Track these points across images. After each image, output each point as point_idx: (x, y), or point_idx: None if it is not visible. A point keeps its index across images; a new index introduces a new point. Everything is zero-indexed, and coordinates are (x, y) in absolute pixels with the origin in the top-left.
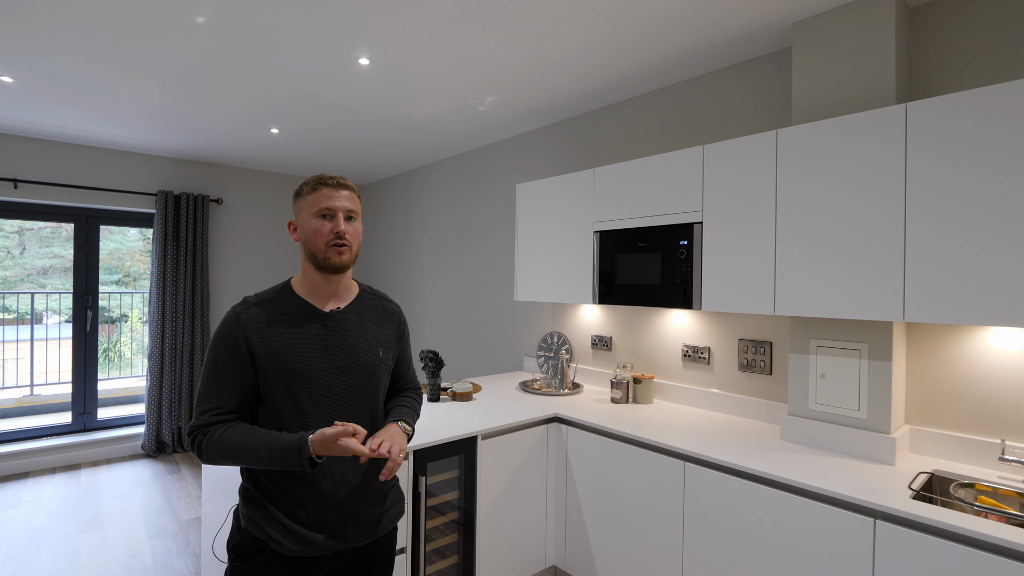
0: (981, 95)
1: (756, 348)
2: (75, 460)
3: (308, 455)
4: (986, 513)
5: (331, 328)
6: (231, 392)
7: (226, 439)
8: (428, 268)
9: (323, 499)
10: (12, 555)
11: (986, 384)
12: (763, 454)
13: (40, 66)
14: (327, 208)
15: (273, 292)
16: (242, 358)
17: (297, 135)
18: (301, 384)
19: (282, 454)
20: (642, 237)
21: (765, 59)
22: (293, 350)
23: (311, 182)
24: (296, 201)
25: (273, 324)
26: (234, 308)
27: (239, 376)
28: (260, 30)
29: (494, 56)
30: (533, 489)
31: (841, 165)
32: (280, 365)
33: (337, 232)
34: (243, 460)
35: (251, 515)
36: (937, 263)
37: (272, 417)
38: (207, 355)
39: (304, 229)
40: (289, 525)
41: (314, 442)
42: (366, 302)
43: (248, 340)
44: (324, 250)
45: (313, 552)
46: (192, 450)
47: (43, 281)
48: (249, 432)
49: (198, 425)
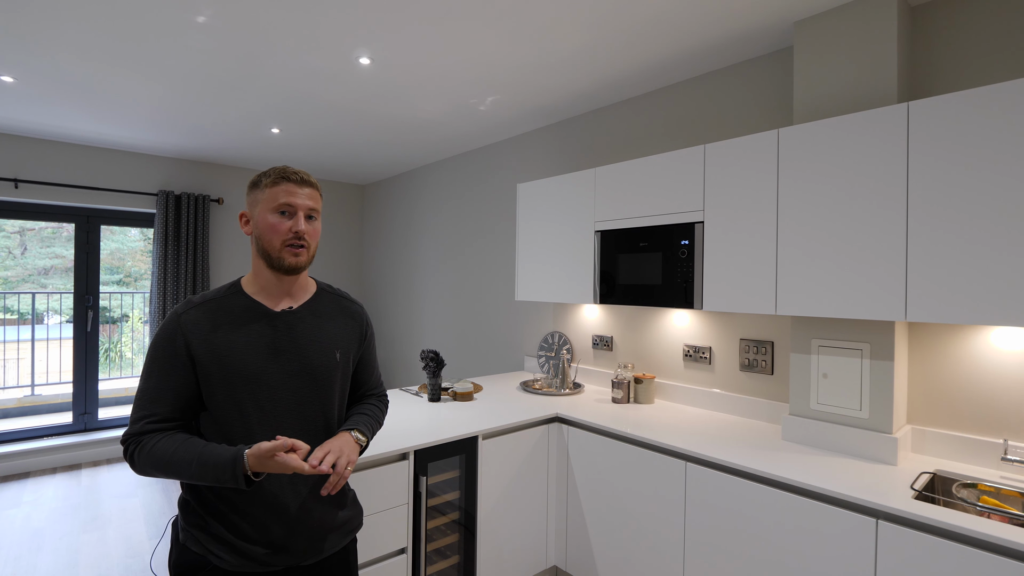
0: (984, 94)
1: (757, 348)
2: (76, 460)
3: (244, 471)
4: (989, 513)
5: (281, 329)
6: (167, 399)
7: (158, 450)
8: (429, 268)
9: (268, 511)
10: (12, 555)
11: (988, 384)
12: (764, 454)
13: (41, 66)
14: (287, 204)
15: (220, 291)
16: (181, 362)
17: (298, 135)
18: (246, 389)
19: (215, 469)
20: (643, 237)
21: (766, 58)
22: (238, 353)
23: (271, 174)
24: (252, 192)
25: (217, 326)
26: (176, 309)
27: (177, 381)
28: (260, 30)
29: (495, 56)
30: (534, 489)
31: (843, 164)
32: (223, 369)
33: (296, 231)
34: (176, 474)
35: (190, 528)
36: (939, 262)
37: (215, 426)
38: (146, 359)
39: (260, 224)
40: (230, 539)
41: (250, 457)
42: (323, 301)
43: (188, 343)
44: (279, 249)
45: (258, 568)
46: (126, 459)
47: (44, 281)
48: (184, 444)
49: (131, 433)
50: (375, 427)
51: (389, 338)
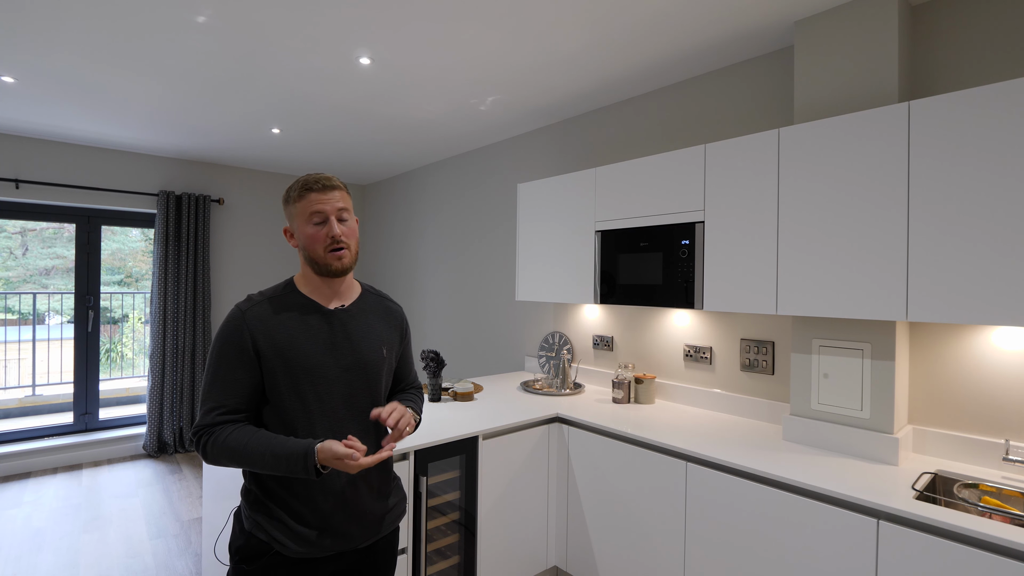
0: (985, 93)
1: (758, 348)
2: (77, 460)
3: (314, 463)
4: (990, 514)
5: (336, 326)
6: (237, 390)
7: (232, 441)
8: (429, 268)
9: (328, 500)
10: (13, 555)
11: (990, 384)
12: (765, 454)
13: (41, 66)
14: (318, 212)
15: (277, 290)
16: (248, 355)
17: (298, 135)
18: (307, 381)
19: (288, 460)
20: (644, 237)
21: (767, 58)
22: (299, 347)
23: (297, 188)
24: (286, 208)
25: (279, 321)
26: (239, 305)
27: (245, 374)
28: (261, 30)
29: (495, 55)
30: (534, 489)
31: (843, 164)
32: (286, 362)
33: (332, 236)
34: (248, 463)
35: (255, 517)
36: (940, 262)
37: (277, 416)
38: (212, 353)
39: (300, 236)
40: (293, 527)
41: (320, 452)
42: (368, 301)
43: (254, 337)
44: (324, 256)
45: (318, 553)
46: (196, 450)
47: (45, 282)
48: (255, 435)
49: (204, 425)
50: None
51: None
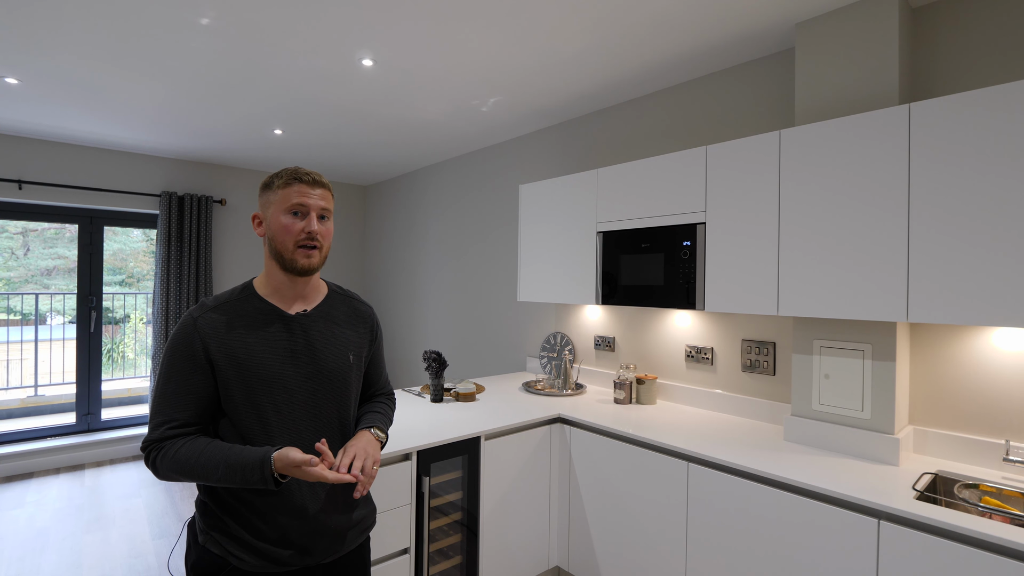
0: (985, 95)
1: (759, 349)
2: (79, 461)
3: (271, 472)
4: (990, 514)
5: (296, 332)
6: (187, 403)
7: (182, 455)
8: (431, 269)
9: (289, 513)
10: (16, 555)
11: (990, 385)
12: (766, 455)
13: (44, 67)
14: (300, 204)
15: (233, 294)
16: (200, 366)
17: (300, 136)
18: (265, 392)
19: (243, 471)
20: (645, 238)
21: (768, 60)
22: (255, 356)
23: (284, 175)
24: (264, 193)
25: (234, 329)
26: (190, 313)
27: (196, 386)
28: (263, 31)
29: (497, 57)
30: (536, 490)
31: (844, 165)
32: (241, 372)
33: (308, 232)
34: (201, 477)
35: (209, 530)
36: (941, 263)
37: (233, 429)
38: (162, 364)
39: (272, 225)
40: (251, 541)
41: (277, 460)
42: (335, 303)
43: (207, 347)
44: (292, 250)
45: (277, 569)
46: (147, 466)
47: (47, 282)
48: (208, 447)
49: (152, 440)
50: (388, 424)
51: (392, 339)
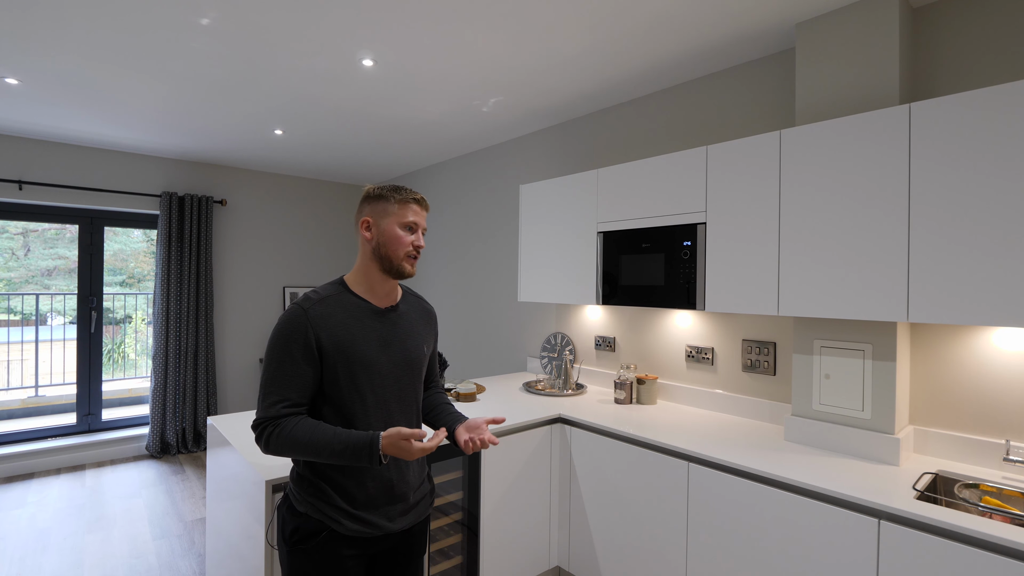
0: (985, 95)
1: (760, 349)
2: (80, 461)
3: (379, 452)
4: (991, 514)
5: (387, 325)
6: (299, 385)
7: (297, 433)
8: (432, 269)
9: (379, 484)
10: (18, 555)
11: (990, 385)
12: (767, 455)
13: (45, 68)
14: (414, 223)
15: (333, 289)
16: (311, 352)
17: (301, 136)
18: (364, 375)
19: (354, 450)
20: (646, 238)
21: (768, 60)
22: (358, 344)
23: (401, 193)
24: (376, 203)
25: (338, 320)
26: (299, 304)
27: (307, 369)
28: (264, 31)
29: (498, 57)
30: (537, 490)
31: (845, 165)
32: (346, 357)
33: (417, 246)
34: (312, 454)
35: (309, 499)
36: (941, 263)
37: (335, 409)
38: (273, 348)
39: (385, 234)
40: (346, 507)
41: (385, 438)
42: (410, 302)
43: (317, 335)
44: (401, 259)
45: (370, 532)
46: (258, 442)
47: (48, 282)
48: (317, 428)
49: (268, 417)
50: None
51: None
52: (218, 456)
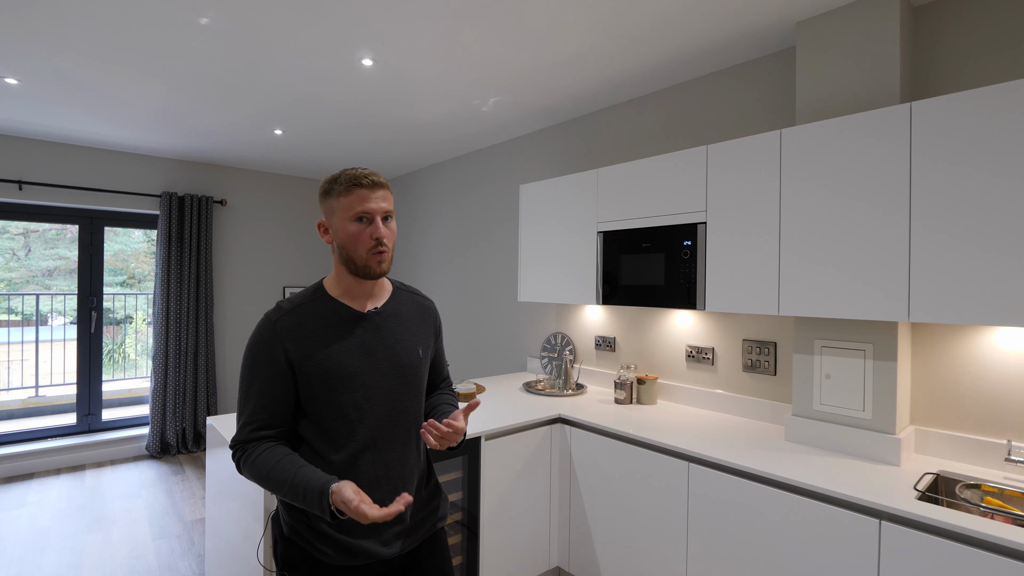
0: (986, 94)
1: (760, 349)
2: (80, 461)
3: (329, 505)
4: (992, 514)
5: (370, 329)
6: (269, 404)
7: (259, 463)
8: (432, 269)
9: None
10: (17, 555)
11: (992, 385)
12: (767, 455)
13: (44, 68)
14: (364, 211)
15: (306, 296)
16: (280, 367)
17: (300, 136)
18: (344, 390)
19: (305, 496)
20: (646, 237)
21: (769, 59)
22: (334, 355)
23: (343, 182)
24: (326, 200)
25: (311, 330)
26: (268, 316)
27: (277, 387)
28: (263, 31)
29: (498, 56)
30: (537, 490)
31: (845, 165)
32: (321, 370)
33: (377, 238)
34: (272, 490)
35: (291, 521)
36: (942, 263)
37: (316, 428)
38: (244, 366)
39: (340, 234)
40: (333, 536)
41: (334, 492)
42: (401, 300)
43: (286, 348)
44: (365, 258)
45: (357, 561)
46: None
47: (48, 283)
48: (280, 462)
49: (238, 440)
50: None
51: None
52: (218, 456)
